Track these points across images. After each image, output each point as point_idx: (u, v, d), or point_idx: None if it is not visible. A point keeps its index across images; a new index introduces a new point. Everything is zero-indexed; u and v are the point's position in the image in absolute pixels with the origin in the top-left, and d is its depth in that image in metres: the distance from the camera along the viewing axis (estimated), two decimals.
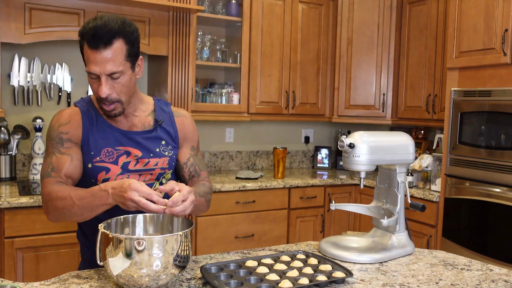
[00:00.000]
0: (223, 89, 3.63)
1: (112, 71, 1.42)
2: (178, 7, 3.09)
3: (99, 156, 1.53)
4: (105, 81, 1.43)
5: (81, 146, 1.53)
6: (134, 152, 1.56)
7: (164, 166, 1.60)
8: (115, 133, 1.56)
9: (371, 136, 1.68)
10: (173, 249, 1.23)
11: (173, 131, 1.65)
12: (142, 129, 1.59)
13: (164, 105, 1.68)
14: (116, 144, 1.55)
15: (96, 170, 1.52)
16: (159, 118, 1.63)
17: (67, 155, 1.50)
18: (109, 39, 1.40)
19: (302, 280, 1.36)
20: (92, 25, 1.40)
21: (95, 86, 1.46)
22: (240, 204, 3.30)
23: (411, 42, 3.76)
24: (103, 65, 1.41)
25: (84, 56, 1.45)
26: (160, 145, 1.61)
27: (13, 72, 3.10)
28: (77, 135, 1.53)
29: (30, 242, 2.60)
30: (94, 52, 1.40)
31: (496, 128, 2.78)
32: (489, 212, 2.81)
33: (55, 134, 1.53)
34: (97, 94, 1.46)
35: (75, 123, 1.54)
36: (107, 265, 1.25)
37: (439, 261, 1.68)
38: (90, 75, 1.44)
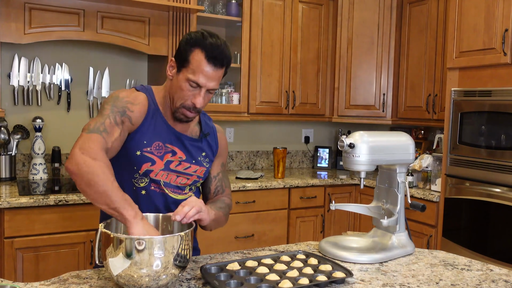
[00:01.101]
0: (223, 89, 3.63)
1: (214, 88, 1.53)
2: (178, 7, 3.09)
3: (150, 147, 1.56)
4: (204, 94, 1.53)
5: (134, 132, 1.54)
6: (179, 153, 1.61)
7: (201, 175, 1.67)
8: (168, 130, 1.61)
9: (371, 136, 1.68)
10: (173, 248, 1.23)
11: (215, 146, 1.73)
12: (189, 135, 1.66)
13: (208, 120, 1.76)
14: (167, 141, 1.60)
15: (143, 159, 1.55)
16: (205, 131, 1.70)
17: (119, 127, 1.48)
18: (224, 62, 1.52)
19: (302, 280, 1.36)
20: (215, 43, 1.50)
21: (189, 94, 1.52)
22: (240, 204, 3.30)
23: (411, 42, 3.76)
24: (210, 81, 1.51)
25: (191, 65, 1.50)
26: (201, 155, 1.67)
27: (13, 72, 3.10)
28: (138, 120, 1.54)
29: (30, 242, 2.59)
30: (210, 67, 1.49)
31: (496, 128, 2.78)
32: (489, 212, 2.81)
33: (120, 104, 1.51)
34: (189, 102, 1.53)
35: (142, 108, 1.56)
36: (107, 265, 1.25)
37: (439, 261, 1.68)
38: (191, 83, 1.50)
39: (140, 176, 1.56)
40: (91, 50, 3.35)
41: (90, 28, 2.97)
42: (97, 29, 2.99)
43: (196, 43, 1.50)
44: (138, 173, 1.56)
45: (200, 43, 1.49)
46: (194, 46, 1.50)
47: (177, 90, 1.54)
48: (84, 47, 3.31)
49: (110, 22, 3.02)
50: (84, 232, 2.71)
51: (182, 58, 1.51)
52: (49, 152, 3.23)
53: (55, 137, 3.26)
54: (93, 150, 1.36)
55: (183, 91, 1.52)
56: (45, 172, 3.12)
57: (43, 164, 3.11)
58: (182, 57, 1.52)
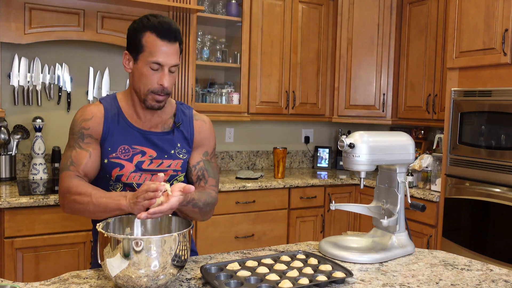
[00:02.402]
0: (223, 89, 3.63)
1: (175, 63, 1.53)
2: (178, 7, 3.09)
3: (115, 152, 1.57)
4: (167, 73, 1.53)
5: (101, 142, 1.58)
6: (149, 152, 1.60)
7: (177, 168, 1.64)
8: (134, 132, 1.60)
9: (371, 136, 1.68)
10: (171, 249, 1.23)
11: (190, 135, 1.68)
12: (161, 130, 1.64)
13: (186, 109, 1.72)
14: (133, 143, 1.59)
15: (111, 166, 1.57)
16: (178, 121, 1.67)
17: (86, 151, 1.55)
18: (176, 35, 1.53)
19: (302, 280, 1.36)
20: (163, 20, 1.52)
21: (154, 77, 1.52)
22: (240, 204, 3.30)
23: (411, 42, 3.76)
24: (170, 58, 1.51)
25: (146, 48, 1.50)
26: (175, 147, 1.64)
27: (13, 72, 3.10)
28: (97, 131, 1.57)
29: (30, 242, 2.59)
30: (164, 44, 1.50)
31: (496, 128, 2.78)
32: (489, 212, 2.81)
33: (77, 129, 1.57)
34: (155, 85, 1.52)
35: (97, 119, 1.58)
36: (105, 266, 1.24)
37: (439, 261, 1.68)
38: (152, 65, 1.50)
39: (114, 182, 1.58)
40: (91, 50, 3.35)
41: (90, 28, 2.97)
42: (97, 29, 2.99)
43: (144, 27, 1.51)
44: (111, 179, 1.58)
45: (148, 25, 1.50)
46: (143, 31, 1.51)
47: (140, 78, 1.54)
48: (84, 47, 3.32)
49: (110, 22, 3.02)
50: (84, 232, 2.71)
51: (136, 46, 1.52)
52: (49, 152, 3.23)
53: (55, 137, 3.26)
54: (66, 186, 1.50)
55: (146, 76, 1.52)
56: (45, 172, 3.12)
57: (43, 164, 3.11)
58: (135, 44, 1.52)
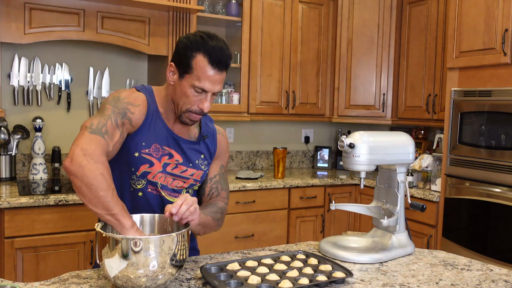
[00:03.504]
0: (223, 89, 3.63)
1: (219, 90, 1.52)
2: (178, 7, 3.09)
3: (148, 148, 1.55)
4: (209, 99, 1.51)
5: (133, 134, 1.52)
6: (176, 156, 1.60)
7: (197, 178, 1.65)
8: (167, 133, 1.59)
9: (371, 136, 1.68)
10: (170, 249, 1.23)
11: (213, 148, 1.70)
12: (187, 138, 1.64)
13: (209, 121, 1.73)
14: (164, 144, 1.58)
15: (141, 161, 1.54)
16: (205, 133, 1.67)
17: (119, 130, 1.46)
18: (227, 65, 1.51)
19: (302, 280, 1.36)
20: (217, 45, 1.47)
21: (195, 99, 1.50)
22: (240, 204, 3.30)
23: (411, 42, 3.76)
24: (216, 85, 1.49)
25: (194, 70, 1.47)
26: (199, 158, 1.65)
27: (13, 72, 3.10)
28: (137, 122, 1.53)
29: (30, 242, 2.59)
30: (215, 71, 1.47)
31: (496, 128, 2.78)
32: (489, 212, 2.81)
33: (121, 105, 1.49)
34: (196, 107, 1.51)
35: (142, 110, 1.54)
36: (104, 266, 1.24)
37: (439, 261, 1.68)
38: (196, 89, 1.48)
39: (138, 177, 1.55)
40: (91, 50, 3.35)
41: (90, 28, 2.97)
42: (97, 29, 2.99)
43: (197, 47, 1.45)
44: (135, 174, 1.55)
45: (201, 47, 1.45)
46: (195, 51, 1.45)
47: (181, 96, 1.51)
48: (84, 47, 3.32)
49: (110, 22, 3.02)
50: (84, 232, 2.71)
51: (184, 64, 1.47)
52: (49, 152, 3.23)
53: (55, 137, 3.26)
54: (96, 153, 1.34)
55: (188, 97, 1.50)
56: (45, 172, 3.12)
57: (43, 164, 3.11)
58: (184, 63, 1.47)
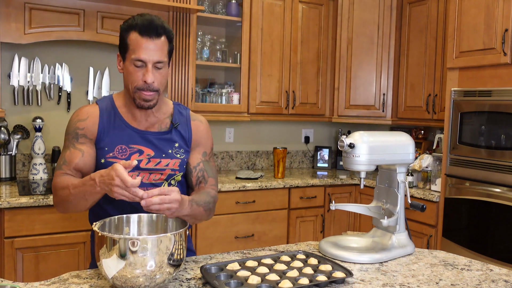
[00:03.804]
0: (223, 89, 3.63)
1: (159, 59, 1.53)
2: (178, 7, 3.09)
3: (112, 152, 1.59)
4: (151, 69, 1.53)
5: (96, 143, 1.60)
6: (147, 151, 1.61)
7: (175, 167, 1.65)
8: (131, 131, 1.62)
9: (371, 136, 1.68)
10: (167, 248, 1.23)
11: (187, 135, 1.70)
12: (158, 130, 1.65)
13: (183, 109, 1.74)
14: (131, 142, 1.61)
15: (108, 166, 1.54)
16: (176, 121, 1.68)
17: (79, 150, 1.58)
18: (159, 32, 1.53)
19: (302, 280, 1.36)
20: (145, 18, 1.53)
21: (138, 74, 1.54)
22: (240, 204, 3.30)
23: (411, 42, 3.76)
24: (152, 53, 1.52)
25: (130, 46, 1.53)
26: (173, 147, 1.66)
27: (13, 72, 3.10)
28: (92, 132, 1.60)
29: (30, 242, 2.59)
30: (146, 40, 1.51)
31: (496, 128, 2.78)
32: (489, 212, 2.81)
33: (71, 129, 1.62)
34: (140, 82, 1.54)
35: (93, 119, 1.61)
36: (101, 266, 1.24)
37: (439, 261, 1.68)
38: (135, 62, 1.52)
39: None
40: (91, 50, 3.35)
41: (90, 28, 2.97)
42: (97, 29, 2.99)
43: (128, 26, 1.54)
44: None
45: (131, 24, 1.53)
46: (128, 30, 1.54)
47: (127, 77, 1.56)
48: (84, 47, 3.32)
49: (110, 22, 3.02)
50: (84, 232, 2.71)
51: (123, 46, 1.55)
52: (49, 152, 3.23)
53: (55, 137, 3.26)
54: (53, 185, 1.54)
55: (131, 74, 1.54)
56: (45, 172, 3.12)
57: (43, 164, 3.11)
58: (122, 45, 1.56)
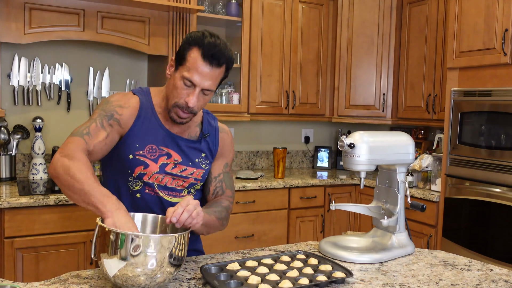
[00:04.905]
0: (223, 89, 3.63)
1: (208, 88, 1.51)
2: (178, 7, 3.09)
3: (142, 150, 1.56)
4: (198, 94, 1.50)
5: (126, 136, 1.55)
6: (175, 156, 1.60)
7: (198, 177, 1.65)
8: (163, 133, 1.59)
9: (371, 136, 1.68)
10: (168, 248, 1.23)
11: (214, 147, 1.70)
12: (187, 137, 1.64)
13: (212, 119, 1.74)
14: (161, 144, 1.59)
15: (136, 163, 1.55)
16: (206, 132, 1.68)
17: (105, 130, 1.50)
18: (221, 62, 1.50)
19: (302, 280, 1.36)
20: (214, 42, 1.48)
21: (184, 92, 1.50)
22: (240, 204, 3.30)
23: (411, 42, 3.76)
24: (205, 80, 1.49)
25: (187, 62, 1.49)
26: (200, 156, 1.65)
27: (13, 72, 3.10)
28: (127, 123, 1.55)
29: (30, 242, 2.59)
30: (205, 65, 1.47)
31: (496, 128, 2.78)
32: (489, 212, 2.81)
33: (109, 108, 1.53)
34: (183, 101, 1.51)
35: (133, 111, 1.56)
36: (102, 265, 1.24)
37: (439, 261, 1.68)
38: (185, 81, 1.49)
39: (134, 179, 1.56)
40: (91, 50, 3.35)
41: (90, 28, 2.97)
42: (97, 29, 2.99)
43: (194, 41, 1.49)
44: (132, 176, 1.56)
45: (198, 41, 1.48)
46: (192, 45, 1.49)
47: (172, 89, 1.53)
48: (84, 47, 3.32)
49: (110, 22, 3.02)
50: (84, 232, 2.71)
51: (181, 57, 1.51)
52: (49, 152, 3.23)
53: (55, 137, 3.26)
54: (71, 151, 1.38)
55: (177, 89, 1.51)
56: (45, 172, 3.12)
57: (43, 164, 3.11)
58: (181, 55, 1.51)
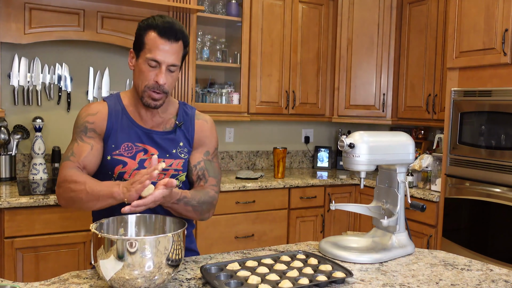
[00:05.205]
0: (223, 89, 3.63)
1: (173, 63, 1.55)
2: (178, 7, 3.09)
3: (118, 149, 1.59)
4: (165, 71, 1.55)
5: (104, 139, 1.60)
6: (151, 150, 1.62)
7: (178, 168, 1.65)
8: (137, 130, 1.62)
9: (371, 136, 1.68)
10: (165, 249, 1.22)
11: (190, 134, 1.70)
12: (163, 129, 1.66)
13: (189, 109, 1.74)
14: (136, 141, 1.62)
15: (114, 163, 1.59)
16: (180, 121, 1.69)
17: (88, 144, 1.57)
18: (178, 36, 1.55)
19: (302, 280, 1.36)
20: (167, 20, 1.55)
21: (151, 74, 1.55)
22: (240, 204, 3.30)
23: (411, 42, 3.76)
24: (168, 56, 1.54)
25: (147, 45, 1.54)
26: (177, 146, 1.66)
27: (13, 72, 3.10)
28: (101, 127, 1.60)
29: (30, 242, 2.59)
30: (164, 42, 1.53)
31: (496, 128, 2.78)
32: (489, 212, 2.81)
33: (81, 123, 1.60)
34: (152, 81, 1.55)
35: (102, 115, 1.61)
36: (98, 268, 1.23)
37: (439, 261, 1.68)
38: (150, 62, 1.53)
39: (115, 179, 1.59)
40: (91, 50, 3.35)
41: (90, 28, 2.97)
42: (97, 29, 2.99)
43: (148, 25, 1.55)
44: (113, 177, 1.59)
45: (151, 24, 1.54)
46: (147, 29, 1.54)
47: (139, 75, 1.57)
48: (84, 47, 3.31)
49: (110, 22, 3.02)
50: (84, 232, 2.71)
51: (139, 44, 1.56)
52: (49, 152, 3.23)
53: (55, 137, 3.26)
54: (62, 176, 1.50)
55: (144, 73, 1.55)
56: (45, 172, 3.12)
57: (43, 164, 3.11)
58: (138, 42, 1.56)
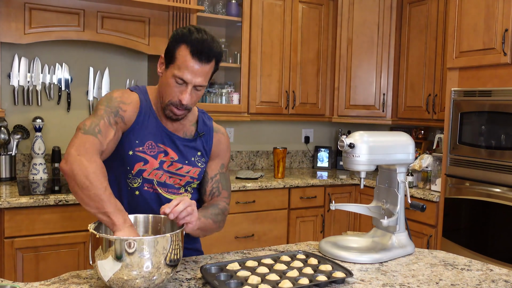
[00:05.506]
0: (223, 89, 3.63)
1: (200, 84, 1.51)
2: (178, 7, 3.09)
3: (142, 146, 1.57)
4: (191, 90, 1.51)
5: (127, 132, 1.55)
6: (171, 154, 1.61)
7: (194, 176, 1.66)
8: (161, 130, 1.60)
9: (371, 136, 1.68)
10: (164, 249, 1.22)
11: (208, 146, 1.70)
12: (183, 135, 1.65)
13: (207, 119, 1.74)
14: (159, 141, 1.60)
15: (135, 159, 1.56)
16: (201, 131, 1.68)
17: (113, 128, 1.49)
18: (210, 57, 1.50)
19: (302, 280, 1.36)
20: (201, 38, 1.48)
21: (176, 90, 1.51)
22: (240, 204, 3.30)
23: (411, 42, 3.76)
24: (196, 77, 1.49)
25: (177, 61, 1.49)
26: (196, 155, 1.66)
27: (13, 72, 3.10)
28: (130, 119, 1.56)
29: (30, 242, 2.59)
30: (195, 62, 1.48)
31: (496, 128, 2.78)
32: (489, 212, 2.81)
33: (113, 104, 1.53)
34: (176, 98, 1.52)
35: (134, 108, 1.57)
36: (97, 268, 1.22)
37: (439, 261, 1.68)
38: (176, 79, 1.49)
39: (133, 176, 1.57)
40: (91, 50, 3.35)
41: (90, 28, 2.97)
42: (97, 29, 2.99)
43: (181, 39, 1.49)
44: (131, 173, 1.56)
45: (185, 38, 1.48)
46: (180, 42, 1.49)
47: (165, 87, 1.53)
48: (84, 47, 3.31)
49: (110, 22, 3.02)
50: (84, 232, 2.71)
51: (170, 55, 1.51)
52: (49, 152, 3.23)
53: (55, 137, 3.26)
54: (89, 153, 1.38)
55: (170, 88, 1.51)
56: (45, 172, 3.12)
57: (43, 164, 3.11)
58: (170, 53, 1.51)
